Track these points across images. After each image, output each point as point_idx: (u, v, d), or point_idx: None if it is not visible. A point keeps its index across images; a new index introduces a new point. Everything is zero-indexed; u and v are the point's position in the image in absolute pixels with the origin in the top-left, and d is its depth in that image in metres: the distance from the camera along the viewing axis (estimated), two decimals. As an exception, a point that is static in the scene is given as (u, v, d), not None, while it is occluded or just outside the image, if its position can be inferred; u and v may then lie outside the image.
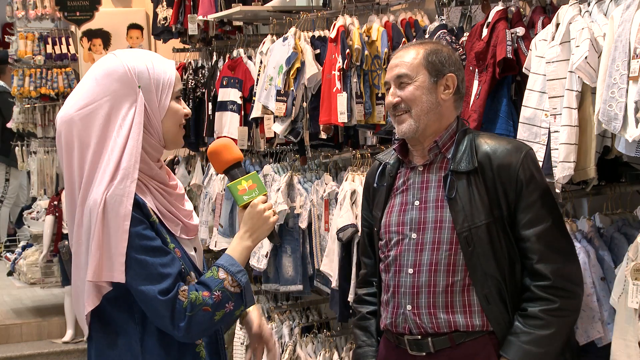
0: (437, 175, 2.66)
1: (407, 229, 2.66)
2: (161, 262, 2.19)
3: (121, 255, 2.14)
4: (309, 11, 4.64)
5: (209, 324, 2.22)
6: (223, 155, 2.39)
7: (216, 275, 2.25)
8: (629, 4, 2.63)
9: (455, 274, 2.58)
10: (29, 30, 7.83)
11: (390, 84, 2.69)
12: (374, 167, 2.87)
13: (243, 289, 2.26)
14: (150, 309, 2.18)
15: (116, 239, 2.14)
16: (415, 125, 2.64)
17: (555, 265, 2.55)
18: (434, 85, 2.65)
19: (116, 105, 2.21)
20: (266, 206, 2.35)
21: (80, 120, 2.20)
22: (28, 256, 7.43)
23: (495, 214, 2.58)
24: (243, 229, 2.35)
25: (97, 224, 2.13)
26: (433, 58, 2.67)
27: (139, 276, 2.16)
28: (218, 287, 2.23)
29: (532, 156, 2.65)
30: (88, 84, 2.24)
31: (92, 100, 2.21)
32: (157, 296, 2.15)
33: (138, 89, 2.22)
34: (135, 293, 2.18)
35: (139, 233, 2.17)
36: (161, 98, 2.26)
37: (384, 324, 2.74)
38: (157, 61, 2.28)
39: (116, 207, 2.14)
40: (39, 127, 7.93)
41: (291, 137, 4.37)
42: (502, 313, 2.58)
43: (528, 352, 2.52)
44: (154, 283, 2.16)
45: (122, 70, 2.23)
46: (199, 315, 2.19)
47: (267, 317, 5.04)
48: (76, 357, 6.82)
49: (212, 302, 2.21)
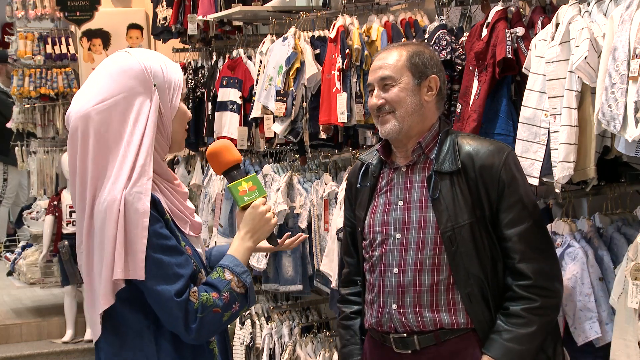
0: (420, 175, 2.68)
1: (391, 229, 2.68)
2: (176, 262, 2.18)
3: (141, 252, 2.13)
4: (308, 11, 4.64)
5: (218, 325, 2.23)
6: (222, 156, 2.39)
7: (222, 276, 2.25)
8: (628, 4, 2.63)
9: (439, 273, 2.61)
10: (28, 30, 7.84)
11: (373, 85, 2.71)
12: (356, 167, 2.88)
13: (248, 290, 2.27)
14: (164, 310, 2.17)
15: (135, 236, 2.13)
16: (399, 126, 2.65)
17: (536, 265, 2.59)
18: (417, 87, 2.68)
19: (132, 102, 2.20)
20: (266, 208, 2.36)
21: (98, 114, 2.18)
22: (28, 256, 7.43)
23: (478, 214, 2.60)
24: (244, 229, 2.35)
25: (118, 221, 2.12)
26: (416, 60, 2.69)
27: (154, 276, 2.15)
28: (226, 289, 2.23)
29: (514, 157, 2.68)
30: (103, 80, 2.22)
31: (110, 96, 2.19)
32: (173, 297, 2.15)
33: (154, 88, 2.23)
34: (150, 293, 2.16)
35: (157, 231, 2.17)
36: (172, 98, 2.27)
37: (369, 323, 2.75)
38: (168, 63, 2.29)
39: (135, 204, 2.13)
40: (39, 127, 7.94)
41: (291, 137, 4.38)
42: (484, 312, 2.60)
43: (510, 350, 2.56)
44: (170, 283, 2.16)
45: (138, 67, 2.22)
46: (210, 317, 2.19)
47: (267, 317, 5.05)
48: (76, 357, 6.82)
49: (222, 304, 2.21)
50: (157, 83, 2.23)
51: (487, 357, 2.58)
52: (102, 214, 2.15)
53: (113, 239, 2.13)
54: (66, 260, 6.85)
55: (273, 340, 4.86)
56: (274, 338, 4.86)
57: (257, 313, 5.11)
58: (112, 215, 2.13)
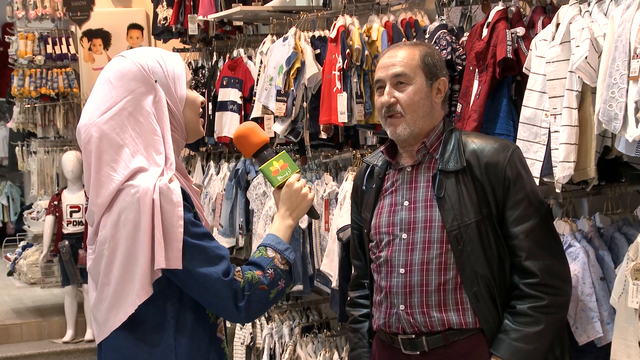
0: (425, 175, 2.67)
1: (397, 229, 2.67)
2: (216, 245, 2.22)
3: (178, 241, 2.14)
4: (309, 11, 4.64)
5: (265, 302, 2.25)
6: (251, 138, 2.38)
7: (265, 254, 2.28)
8: (629, 4, 2.63)
9: (446, 272, 2.59)
10: (29, 30, 7.84)
11: (384, 82, 2.67)
12: (362, 170, 2.88)
13: (292, 266, 2.30)
14: (212, 292, 2.18)
15: (172, 225, 2.14)
16: (411, 129, 2.64)
17: (543, 263, 2.57)
18: (429, 88, 2.66)
19: (138, 103, 2.21)
20: (302, 184, 2.37)
21: (106, 124, 2.19)
22: (28, 256, 7.44)
23: (484, 212, 2.59)
24: (282, 208, 2.37)
25: (154, 211, 2.12)
26: (429, 60, 2.67)
27: (199, 261, 2.17)
28: (270, 266, 2.26)
29: (519, 154, 2.66)
30: (104, 89, 2.23)
31: (114, 103, 2.20)
32: (221, 277, 2.17)
33: (155, 84, 2.23)
34: (196, 278, 2.17)
35: (191, 220, 2.19)
36: (177, 89, 2.27)
37: (377, 325, 2.74)
38: (165, 54, 2.29)
39: (169, 195, 2.14)
40: (39, 127, 7.95)
41: (291, 137, 4.38)
42: (491, 311, 2.59)
43: (518, 349, 2.54)
44: (215, 265, 2.18)
45: (135, 68, 2.22)
46: (257, 294, 2.22)
47: (267, 317, 5.05)
48: (76, 357, 6.83)
49: (268, 281, 2.24)
50: (157, 79, 2.23)
51: (495, 357, 2.55)
52: (134, 205, 2.14)
53: (149, 229, 2.13)
54: (66, 260, 6.85)
55: (273, 340, 4.86)
56: (275, 338, 4.86)
57: (257, 313, 5.11)
58: (146, 207, 2.13)
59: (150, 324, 2.21)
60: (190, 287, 2.20)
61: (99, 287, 2.24)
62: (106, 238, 2.19)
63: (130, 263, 2.16)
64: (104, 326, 2.23)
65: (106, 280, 2.21)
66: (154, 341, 2.21)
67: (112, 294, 2.20)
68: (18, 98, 7.93)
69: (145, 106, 2.21)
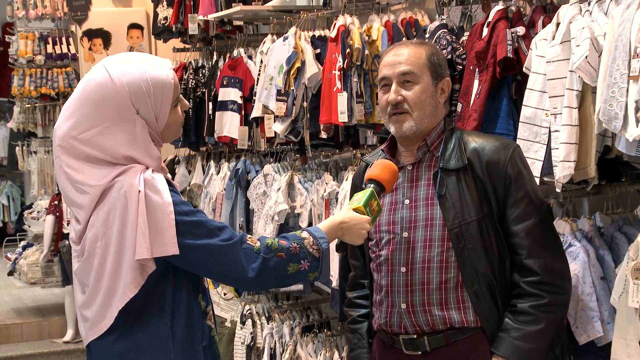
0: (426, 173, 2.67)
1: (398, 227, 2.66)
2: (212, 220, 2.26)
3: (171, 227, 2.17)
4: (309, 11, 4.64)
5: (281, 273, 2.27)
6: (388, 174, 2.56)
7: (299, 234, 2.35)
8: (629, 3, 2.63)
9: (448, 270, 2.59)
10: (29, 30, 7.84)
11: (390, 79, 2.66)
12: (361, 169, 2.88)
13: (322, 255, 2.32)
14: (220, 259, 2.21)
15: (162, 212, 2.17)
16: (417, 127, 2.65)
17: (543, 261, 2.57)
18: (434, 88, 2.67)
19: (117, 128, 2.23)
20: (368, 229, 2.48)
21: (83, 143, 2.22)
22: (29, 256, 7.44)
23: (485, 210, 2.59)
24: (343, 219, 2.44)
25: (139, 203, 2.15)
26: (434, 60, 2.68)
27: (197, 236, 2.20)
28: (297, 242, 2.31)
29: (520, 153, 2.67)
30: (86, 108, 2.24)
31: (92, 125, 2.22)
32: (226, 242, 2.21)
33: (137, 115, 2.24)
34: (201, 249, 2.20)
35: (181, 200, 2.22)
36: (159, 117, 2.28)
37: (378, 324, 2.73)
38: (152, 71, 2.26)
39: (154, 184, 2.18)
40: (39, 126, 7.95)
41: (291, 137, 4.38)
42: (492, 309, 2.59)
43: (519, 348, 2.54)
44: (214, 236, 2.22)
45: (120, 97, 2.22)
46: (273, 261, 2.25)
47: (268, 317, 5.05)
48: (77, 357, 6.83)
49: (289, 253, 2.27)
50: (140, 109, 2.24)
51: (496, 356, 2.55)
52: (121, 200, 2.17)
53: (136, 220, 2.16)
54: (67, 260, 6.85)
55: (274, 340, 4.86)
56: (275, 338, 4.86)
57: (257, 313, 5.12)
58: (133, 199, 2.16)
59: (149, 312, 2.24)
60: (198, 262, 2.22)
61: (92, 286, 2.25)
62: (97, 236, 2.21)
63: (122, 258, 2.18)
64: (96, 325, 2.24)
65: (99, 278, 2.23)
66: (153, 330, 2.23)
67: (105, 291, 2.22)
68: (18, 98, 7.93)
69: (125, 128, 2.23)
